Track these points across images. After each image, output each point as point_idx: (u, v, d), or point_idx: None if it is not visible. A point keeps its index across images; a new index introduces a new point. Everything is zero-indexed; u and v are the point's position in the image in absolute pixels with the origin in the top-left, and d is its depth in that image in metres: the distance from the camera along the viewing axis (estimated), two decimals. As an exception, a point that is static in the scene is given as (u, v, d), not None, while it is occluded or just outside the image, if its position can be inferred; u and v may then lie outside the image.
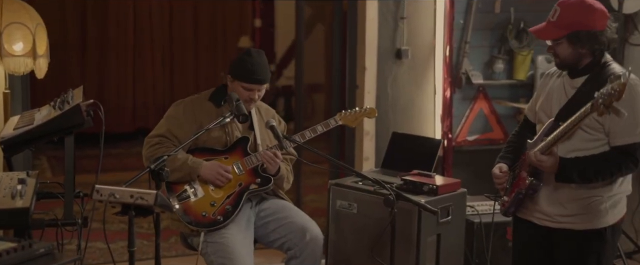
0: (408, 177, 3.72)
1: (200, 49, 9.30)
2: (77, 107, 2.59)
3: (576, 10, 2.94)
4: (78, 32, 8.76)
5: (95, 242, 5.34)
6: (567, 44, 2.96)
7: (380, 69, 4.86)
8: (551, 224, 3.06)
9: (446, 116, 4.90)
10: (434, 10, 4.90)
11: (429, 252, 3.65)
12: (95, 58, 8.83)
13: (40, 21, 3.88)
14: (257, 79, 3.54)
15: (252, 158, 3.59)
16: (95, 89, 8.79)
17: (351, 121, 3.79)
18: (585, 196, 3.00)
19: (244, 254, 3.48)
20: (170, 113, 3.62)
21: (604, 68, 3.00)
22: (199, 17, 9.18)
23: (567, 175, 2.94)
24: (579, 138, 2.98)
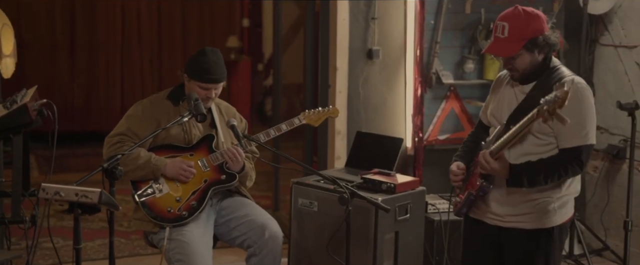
0: (368, 176, 3.78)
1: (189, 48, 9.34)
2: (24, 107, 2.64)
3: (524, 20, 2.98)
4: (67, 33, 8.83)
5: (66, 240, 5.45)
6: (526, 54, 3.00)
7: (352, 68, 4.92)
8: (502, 224, 3.11)
9: (417, 115, 4.95)
10: (405, 11, 4.96)
11: (387, 249, 3.70)
12: (84, 58, 8.90)
13: (7, 21, 3.93)
14: (213, 78, 3.60)
15: (217, 155, 3.65)
16: (84, 88, 8.88)
17: (314, 120, 3.84)
18: (535, 198, 3.05)
19: (203, 251, 3.53)
20: (130, 112, 3.68)
21: (553, 72, 3.05)
22: (187, 17, 9.24)
23: (517, 181, 2.99)
24: (530, 142, 3.03)
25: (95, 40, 8.88)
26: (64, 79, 8.90)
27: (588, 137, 2.97)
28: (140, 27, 9.08)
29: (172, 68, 9.33)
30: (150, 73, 9.23)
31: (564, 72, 3.05)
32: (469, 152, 3.24)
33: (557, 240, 3.08)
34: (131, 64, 9.06)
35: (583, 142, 2.96)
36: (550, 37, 3.00)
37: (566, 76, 3.02)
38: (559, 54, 5.12)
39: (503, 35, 3.01)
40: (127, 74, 9.07)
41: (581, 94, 2.96)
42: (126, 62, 9.06)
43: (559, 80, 3.00)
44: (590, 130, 2.98)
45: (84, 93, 8.92)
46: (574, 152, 2.96)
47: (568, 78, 3.00)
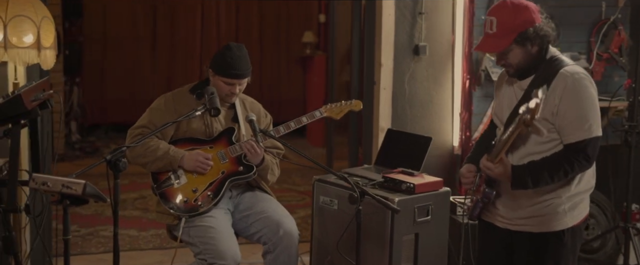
0: (389, 175, 3.68)
1: (265, 44, 9.45)
2: (19, 97, 2.71)
3: (512, 13, 2.84)
4: (149, 28, 9.12)
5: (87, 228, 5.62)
6: (517, 48, 2.86)
7: (397, 65, 4.80)
8: (511, 227, 2.97)
9: (465, 114, 4.79)
10: (453, 6, 4.80)
11: (406, 251, 3.59)
12: (164, 53, 9.15)
13: (47, 14, 4.04)
14: (237, 73, 3.60)
15: (236, 147, 3.66)
16: (164, 82, 9.13)
17: (336, 113, 3.79)
18: (543, 199, 2.89)
19: (228, 235, 3.54)
20: (153, 105, 3.73)
21: (551, 63, 2.88)
22: (265, 12, 9.34)
23: (521, 183, 2.85)
24: (532, 142, 2.88)
25: (175, 35, 9.12)
26: (145, 73, 9.19)
27: (592, 130, 2.79)
28: (219, 22, 9.24)
29: (249, 61, 9.44)
30: (227, 67, 9.35)
31: (564, 62, 2.87)
32: (480, 154, 3.10)
33: (569, 244, 2.90)
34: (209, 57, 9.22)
35: (587, 135, 2.78)
36: (542, 28, 2.83)
37: (565, 66, 2.84)
38: (621, 51, 4.84)
39: (492, 31, 2.87)
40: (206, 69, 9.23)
41: (579, 85, 2.79)
42: (205, 57, 9.25)
43: (557, 71, 2.82)
44: (593, 122, 2.80)
45: (163, 86, 9.16)
46: (579, 147, 2.79)
47: (567, 68, 2.82)
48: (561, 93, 2.79)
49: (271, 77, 9.55)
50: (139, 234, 5.58)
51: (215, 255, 3.47)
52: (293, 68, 9.52)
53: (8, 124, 2.82)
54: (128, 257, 5.10)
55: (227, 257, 3.46)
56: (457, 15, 4.79)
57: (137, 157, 3.59)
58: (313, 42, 8.99)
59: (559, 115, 2.79)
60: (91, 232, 5.67)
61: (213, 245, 3.48)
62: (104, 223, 5.89)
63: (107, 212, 6.22)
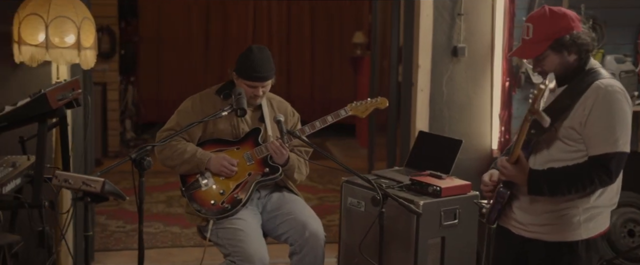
0: (417, 178, 3.66)
1: (317, 43, 9.49)
2: (44, 96, 2.80)
3: (549, 19, 2.79)
4: (202, 27, 9.27)
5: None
6: (553, 54, 2.80)
7: (435, 66, 4.76)
8: (525, 234, 2.91)
9: (505, 116, 4.72)
10: (493, 7, 4.74)
11: (432, 255, 3.56)
12: (216, 52, 9.29)
13: (87, 15, 4.15)
14: (259, 76, 3.63)
15: (262, 148, 3.69)
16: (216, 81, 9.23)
17: (361, 112, 3.78)
18: (559, 208, 2.83)
19: (255, 238, 3.57)
20: (181, 107, 3.79)
21: (588, 74, 2.81)
22: (316, 12, 9.38)
23: (537, 188, 2.79)
24: (557, 148, 2.82)
25: (227, 35, 9.24)
26: (198, 72, 9.35)
27: (618, 144, 2.70)
28: (270, 22, 9.33)
29: (300, 62, 9.51)
30: (278, 67, 9.42)
31: (601, 75, 2.79)
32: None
33: (583, 257, 2.81)
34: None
35: (612, 149, 2.70)
36: (579, 36, 2.77)
37: (601, 79, 2.77)
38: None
39: (528, 37, 2.83)
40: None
41: (612, 98, 2.71)
42: (257, 55, 9.33)
43: (592, 82, 2.76)
44: (621, 136, 2.71)
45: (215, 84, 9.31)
46: (602, 160, 2.70)
47: (602, 81, 2.75)
48: (592, 104, 2.73)
49: (323, 77, 9.59)
50: (182, 231, 5.68)
51: (243, 258, 3.50)
52: (344, 68, 9.54)
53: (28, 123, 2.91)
54: (168, 254, 5.21)
55: (255, 260, 3.49)
56: (497, 16, 4.73)
57: (166, 160, 3.67)
58: (363, 43, 8.98)
59: (587, 126, 2.73)
60: (135, 228, 5.79)
61: (241, 248, 3.52)
62: (148, 219, 6.02)
63: (154, 209, 6.36)
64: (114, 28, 8.39)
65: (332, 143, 9.17)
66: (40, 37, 3.98)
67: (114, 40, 8.39)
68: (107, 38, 8.35)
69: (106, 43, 8.36)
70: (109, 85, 8.31)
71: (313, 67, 9.53)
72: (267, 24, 9.36)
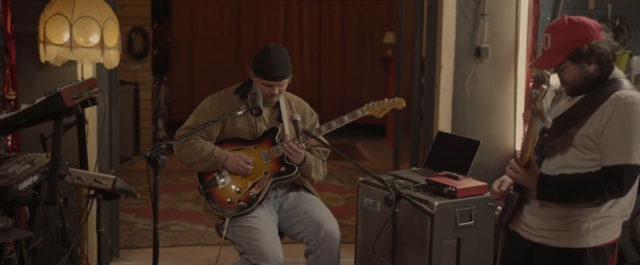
0: (433, 178, 3.64)
1: (348, 43, 9.50)
2: (58, 95, 2.85)
3: (568, 29, 2.74)
4: (233, 27, 9.35)
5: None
6: (572, 65, 2.76)
7: (458, 67, 4.74)
8: (534, 238, 2.88)
9: (528, 117, 4.67)
10: (517, 7, 4.69)
11: (447, 256, 3.54)
12: (247, 52, 9.36)
13: (111, 15, 4.21)
14: (275, 76, 3.65)
15: (279, 147, 3.71)
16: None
17: (378, 112, 3.78)
18: (569, 214, 2.78)
19: (271, 236, 3.59)
20: (200, 107, 3.83)
21: (609, 84, 2.75)
22: (347, 12, 9.39)
23: (546, 193, 2.75)
24: (571, 155, 2.78)
25: (258, 35, 9.30)
26: (229, 72, 9.43)
27: (632, 157, 2.64)
28: (301, 22, 9.36)
29: (331, 63, 9.52)
30: (309, 66, 9.49)
31: (622, 85, 2.73)
32: None
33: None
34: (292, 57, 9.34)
35: (626, 161, 2.64)
36: (598, 46, 2.71)
37: (622, 89, 2.71)
38: None
39: (547, 47, 2.79)
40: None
41: (631, 110, 2.66)
42: (287, 56, 9.38)
43: (612, 93, 2.71)
44: (636, 149, 2.65)
45: (244, 85, 9.40)
46: (614, 171, 2.65)
47: (623, 91, 2.70)
48: (610, 114, 2.68)
49: (354, 77, 9.59)
50: (207, 229, 5.73)
51: (257, 256, 3.53)
52: (375, 68, 9.52)
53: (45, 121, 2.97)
54: (192, 252, 5.26)
55: (269, 259, 3.51)
56: (521, 17, 4.68)
57: (185, 158, 3.71)
58: (394, 43, 8.95)
59: (603, 136, 2.68)
60: (162, 226, 5.87)
61: (256, 246, 3.54)
62: (176, 218, 6.09)
63: (181, 207, 6.43)
64: (147, 29, 8.51)
65: (362, 143, 9.17)
66: (64, 36, 4.05)
67: (147, 40, 8.52)
68: (140, 38, 8.48)
69: (139, 43, 8.49)
70: (142, 84, 8.43)
71: (344, 68, 9.54)
72: (298, 24, 9.40)
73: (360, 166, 3.30)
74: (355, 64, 9.60)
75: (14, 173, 2.93)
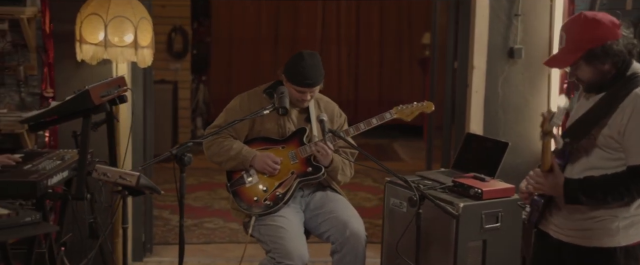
0: (459, 179, 3.63)
1: (385, 44, 9.48)
2: (86, 93, 2.91)
3: (581, 29, 2.70)
4: (272, 28, 9.41)
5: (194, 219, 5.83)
6: (586, 65, 2.73)
7: (491, 68, 4.71)
8: (563, 238, 2.85)
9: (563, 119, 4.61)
10: (551, 7, 4.65)
11: (472, 258, 3.52)
12: (285, 51, 9.41)
13: (145, 14, 4.28)
14: (308, 83, 3.67)
15: (306, 148, 3.73)
16: (284, 81, 9.40)
17: (407, 115, 3.77)
18: (598, 214, 2.75)
19: (295, 235, 3.62)
20: (229, 105, 3.87)
21: (628, 81, 2.71)
22: (385, 13, 9.37)
23: (574, 197, 2.72)
24: (597, 156, 2.74)
25: (296, 35, 9.34)
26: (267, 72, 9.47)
27: None
28: (339, 23, 9.38)
29: (368, 63, 9.51)
30: (347, 67, 9.50)
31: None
32: None
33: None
34: (329, 58, 9.40)
35: None
36: (612, 47, 2.66)
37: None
38: None
39: (561, 46, 2.76)
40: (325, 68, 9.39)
41: None
42: (324, 56, 9.39)
43: (632, 90, 2.67)
44: None
45: (282, 85, 9.46)
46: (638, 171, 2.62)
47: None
48: (630, 112, 2.65)
49: (391, 78, 9.57)
50: (240, 227, 5.74)
51: (283, 255, 3.55)
52: (413, 69, 9.49)
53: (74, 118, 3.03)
54: (224, 249, 5.32)
55: (294, 257, 3.53)
56: (556, 17, 4.63)
57: (213, 156, 3.76)
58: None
59: (625, 136, 2.65)
60: (196, 223, 5.95)
61: (281, 245, 3.57)
62: (210, 215, 6.16)
63: (216, 205, 6.49)
64: (186, 28, 8.62)
65: (399, 144, 9.15)
66: (99, 36, 4.14)
67: (186, 40, 8.62)
68: (180, 38, 8.60)
69: (179, 43, 8.60)
70: (181, 84, 8.54)
71: (381, 68, 9.52)
72: (335, 24, 9.42)
73: (384, 166, 3.30)
74: (393, 65, 9.58)
75: (44, 169, 3.00)
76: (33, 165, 3.06)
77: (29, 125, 3.12)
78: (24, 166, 3.06)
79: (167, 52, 8.51)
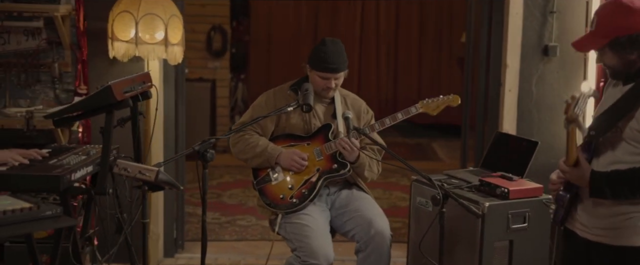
0: (486, 179, 3.57)
1: (425, 44, 9.40)
2: (108, 88, 2.93)
3: (612, 15, 2.64)
4: (311, 28, 9.41)
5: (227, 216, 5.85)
6: (611, 52, 2.66)
7: (525, 66, 4.63)
8: (590, 237, 2.78)
9: (598, 119, 4.51)
10: (588, 4, 4.54)
11: (499, 258, 3.46)
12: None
13: (175, 12, 4.31)
14: (331, 68, 3.65)
15: (332, 144, 3.71)
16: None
17: (432, 109, 3.73)
18: (625, 211, 2.68)
19: (321, 234, 3.60)
20: (255, 102, 3.87)
21: None
22: (425, 12, 9.29)
23: (599, 191, 2.65)
24: (623, 150, 2.67)
25: (335, 34, 9.30)
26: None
27: None
28: (378, 21, 9.33)
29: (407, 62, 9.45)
30: (386, 65, 9.44)
31: None
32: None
33: None
34: (368, 56, 9.37)
35: None
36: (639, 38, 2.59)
37: None
38: None
39: (591, 28, 2.70)
40: (364, 66, 9.40)
41: None
42: (364, 54, 9.39)
43: None
44: None
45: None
46: None
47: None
48: None
49: (431, 76, 9.49)
50: (271, 225, 5.79)
51: (308, 254, 3.54)
52: (453, 68, 9.40)
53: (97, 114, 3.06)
54: (255, 246, 5.33)
55: (319, 257, 3.52)
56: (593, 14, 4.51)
57: (239, 153, 3.76)
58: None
59: None
60: (230, 220, 5.97)
61: (306, 244, 3.55)
62: (244, 213, 6.18)
63: (250, 202, 6.51)
64: (226, 27, 8.68)
65: (438, 144, 9.07)
66: (131, 33, 4.18)
67: (225, 39, 8.68)
68: (219, 37, 8.66)
69: (218, 41, 8.66)
70: (219, 82, 8.60)
71: (420, 67, 9.45)
72: (374, 23, 9.38)
73: (407, 164, 3.25)
74: (432, 63, 9.50)
75: (68, 163, 3.03)
76: (58, 160, 3.10)
77: (53, 121, 3.15)
78: (50, 161, 3.11)
79: (206, 51, 8.58)
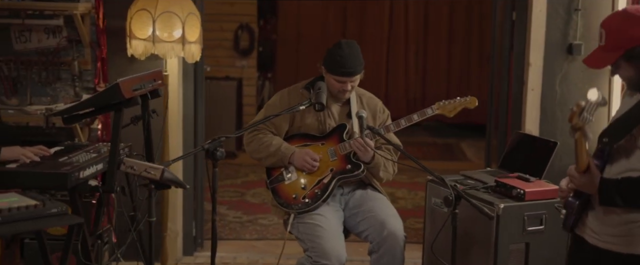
0: (502, 179, 3.49)
1: (453, 43, 9.30)
2: (116, 86, 2.92)
3: (621, 26, 2.52)
4: (339, 26, 9.37)
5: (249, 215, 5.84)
6: (627, 64, 2.55)
7: (548, 65, 4.53)
8: (599, 244, 2.69)
9: (624, 120, 4.40)
10: (613, 1, 4.42)
11: (514, 260, 3.38)
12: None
13: (193, 10, 4.29)
14: (347, 71, 3.60)
15: (346, 145, 3.66)
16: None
17: (449, 111, 3.66)
18: (636, 219, 2.58)
19: (333, 235, 3.55)
20: (270, 102, 3.84)
21: None
22: (455, 11, 9.19)
23: (609, 198, 2.56)
24: (637, 157, 2.57)
25: (364, 34, 9.27)
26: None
27: None
28: (407, 21, 9.25)
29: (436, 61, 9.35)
30: (414, 65, 9.36)
31: None
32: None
33: None
34: (396, 56, 9.29)
35: None
36: None
37: None
38: None
39: (601, 43, 2.59)
40: (392, 67, 9.32)
41: None
42: (392, 54, 9.31)
43: None
44: None
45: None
46: None
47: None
48: None
49: (460, 76, 9.38)
50: (292, 224, 5.75)
51: (320, 254, 3.49)
52: (483, 67, 9.28)
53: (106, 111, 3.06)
54: (274, 246, 5.29)
55: (331, 257, 3.47)
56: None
57: (253, 152, 3.73)
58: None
59: None
60: (251, 219, 5.96)
61: (319, 244, 3.51)
62: (265, 211, 6.15)
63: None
64: (253, 26, 8.67)
65: (467, 144, 8.96)
66: (148, 31, 4.18)
67: (253, 37, 8.68)
68: (246, 35, 8.66)
69: (245, 40, 8.66)
70: (246, 80, 8.60)
71: (449, 66, 9.34)
72: (403, 22, 9.30)
73: (420, 164, 3.20)
74: (462, 63, 9.39)
75: (77, 161, 3.04)
76: (68, 158, 3.11)
77: (63, 118, 3.16)
78: (59, 158, 3.11)
79: (234, 49, 8.59)
